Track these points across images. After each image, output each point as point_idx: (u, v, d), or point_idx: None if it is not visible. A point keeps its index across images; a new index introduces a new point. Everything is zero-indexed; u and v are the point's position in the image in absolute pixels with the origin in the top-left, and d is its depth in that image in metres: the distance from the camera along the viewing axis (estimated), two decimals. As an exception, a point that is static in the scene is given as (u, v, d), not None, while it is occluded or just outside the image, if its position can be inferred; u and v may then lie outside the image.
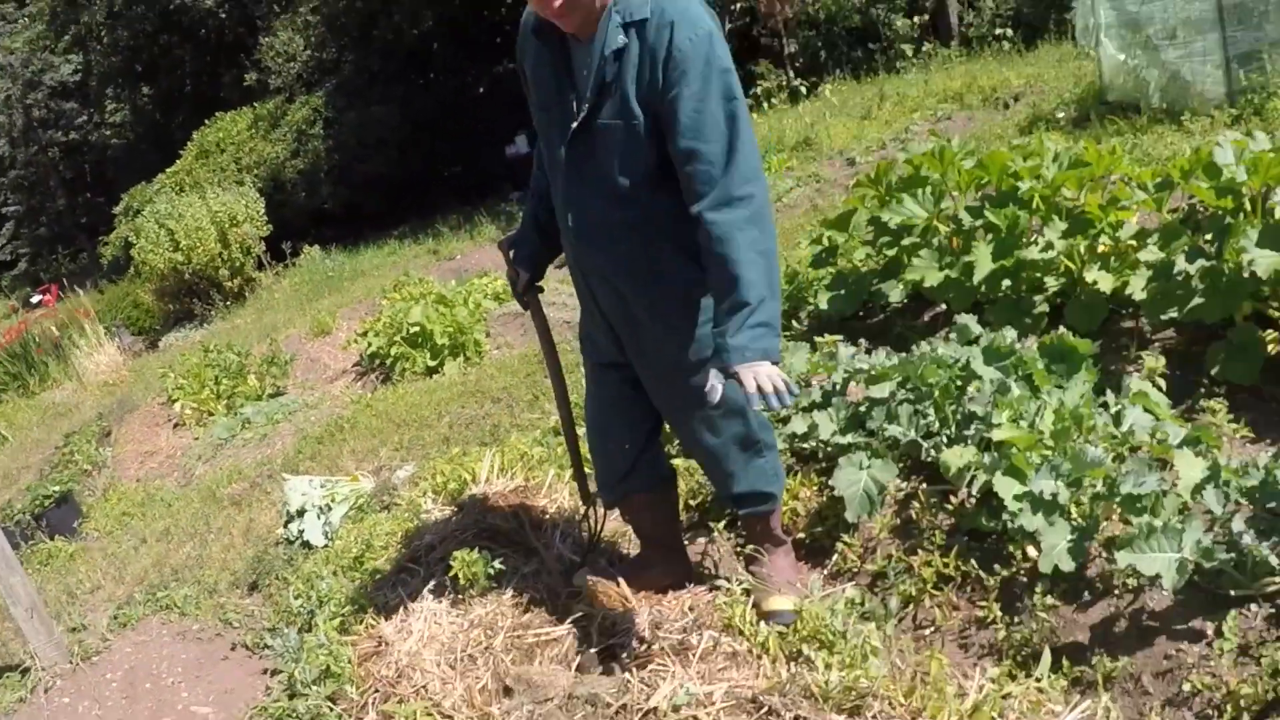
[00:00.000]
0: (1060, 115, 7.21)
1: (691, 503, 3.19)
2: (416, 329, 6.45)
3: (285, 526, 4.10)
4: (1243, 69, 5.87)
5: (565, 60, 2.27)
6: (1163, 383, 2.91)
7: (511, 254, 2.67)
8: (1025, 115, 7.73)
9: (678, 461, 3.16)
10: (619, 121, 2.17)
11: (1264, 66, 5.81)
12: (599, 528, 2.94)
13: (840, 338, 3.54)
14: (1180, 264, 3.05)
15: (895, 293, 3.93)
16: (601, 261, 2.38)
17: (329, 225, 14.36)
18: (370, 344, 6.83)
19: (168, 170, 14.64)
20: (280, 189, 13.87)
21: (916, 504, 2.75)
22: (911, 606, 2.56)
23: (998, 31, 11.38)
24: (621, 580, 2.74)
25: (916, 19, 12.22)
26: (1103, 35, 6.91)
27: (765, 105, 11.72)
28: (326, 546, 3.80)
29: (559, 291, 6.48)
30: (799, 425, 3.07)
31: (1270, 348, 2.97)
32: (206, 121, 15.23)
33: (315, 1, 14.52)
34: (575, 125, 2.22)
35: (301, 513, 4.04)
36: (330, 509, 4.02)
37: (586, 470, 2.87)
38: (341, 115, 13.84)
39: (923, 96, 9.57)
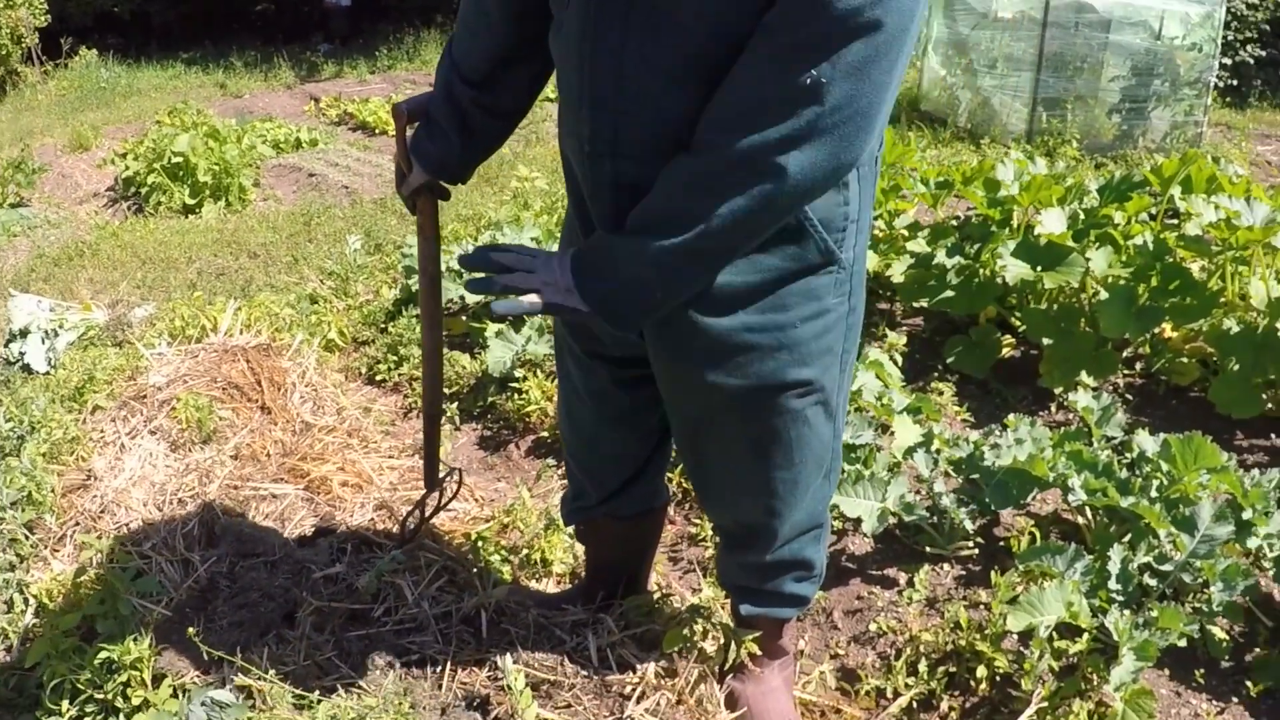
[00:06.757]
0: (872, 109, 7.59)
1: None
2: (180, 159, 5.97)
3: (5, 346, 3.77)
4: (1047, 112, 6.40)
5: None
6: (900, 359, 3.12)
7: (410, 133, 1.61)
8: (840, 102, 8.06)
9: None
10: None
11: (1065, 115, 6.36)
12: (429, 512, 2.22)
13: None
14: (940, 257, 3.28)
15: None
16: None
17: (113, 31, 13.01)
18: (128, 167, 6.25)
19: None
20: (69, -23, 12.37)
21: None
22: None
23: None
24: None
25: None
26: (930, 48, 7.32)
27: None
28: (48, 373, 3.55)
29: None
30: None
31: (1005, 350, 3.24)
32: (9, -119, 13.27)
33: None
34: None
35: (25, 333, 3.72)
36: (57, 335, 3.74)
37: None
38: (157, -90, 12.47)
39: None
